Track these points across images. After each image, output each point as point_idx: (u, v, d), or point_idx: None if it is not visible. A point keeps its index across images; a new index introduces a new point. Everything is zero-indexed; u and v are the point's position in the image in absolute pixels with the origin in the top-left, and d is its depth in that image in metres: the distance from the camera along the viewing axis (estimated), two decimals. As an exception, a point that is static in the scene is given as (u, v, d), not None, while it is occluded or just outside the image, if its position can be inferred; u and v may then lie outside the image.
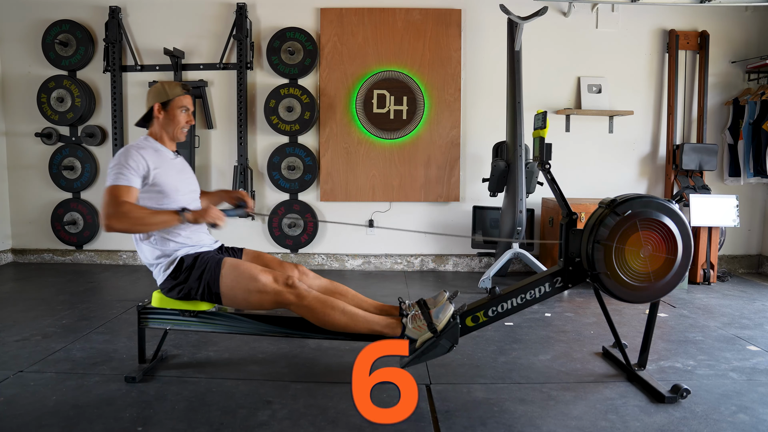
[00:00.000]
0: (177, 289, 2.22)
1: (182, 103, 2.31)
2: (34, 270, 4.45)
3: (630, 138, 4.59)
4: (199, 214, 2.17)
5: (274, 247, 4.60)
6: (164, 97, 2.28)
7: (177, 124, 2.32)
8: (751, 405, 2.08)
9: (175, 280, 2.21)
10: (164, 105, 2.29)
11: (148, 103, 2.31)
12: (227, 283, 2.16)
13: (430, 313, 2.13)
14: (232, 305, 2.22)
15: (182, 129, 2.34)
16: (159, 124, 2.32)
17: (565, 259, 2.28)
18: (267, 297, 2.14)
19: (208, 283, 2.17)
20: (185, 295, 2.22)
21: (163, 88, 2.30)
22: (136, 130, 4.54)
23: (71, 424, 1.88)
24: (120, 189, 2.08)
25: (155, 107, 2.29)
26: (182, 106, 2.31)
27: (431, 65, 4.45)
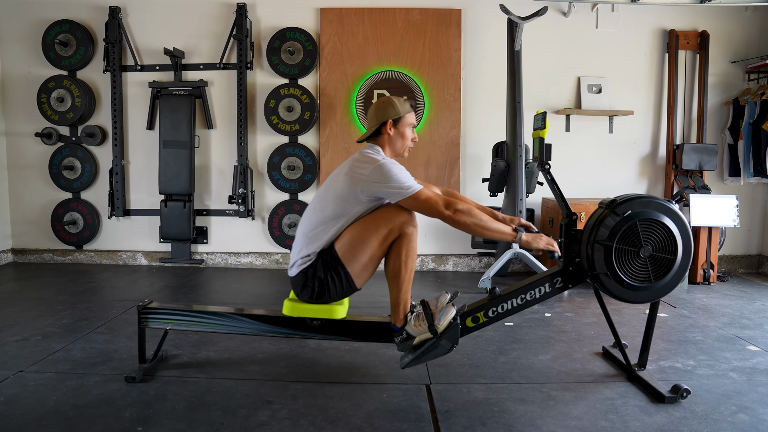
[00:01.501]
0: (309, 287, 2.17)
1: (411, 120, 2.29)
2: (34, 270, 4.45)
3: (630, 138, 4.59)
4: (535, 238, 2.15)
5: (274, 247, 4.61)
6: (396, 113, 2.23)
7: (406, 141, 2.28)
8: (751, 405, 2.08)
9: (306, 275, 2.17)
10: (395, 122, 2.24)
11: (378, 118, 2.24)
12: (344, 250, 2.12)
13: (433, 315, 2.14)
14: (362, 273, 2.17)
15: (408, 146, 2.31)
16: (387, 140, 2.26)
17: (565, 259, 2.28)
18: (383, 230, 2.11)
19: (335, 268, 2.14)
20: (318, 292, 2.17)
21: (393, 103, 2.24)
22: (135, 130, 4.55)
23: (71, 424, 1.88)
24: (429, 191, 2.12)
25: (387, 123, 2.23)
26: (411, 124, 2.29)
27: (431, 65, 4.45)
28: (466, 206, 2.10)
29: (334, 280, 2.15)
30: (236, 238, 4.63)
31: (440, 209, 2.08)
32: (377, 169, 2.10)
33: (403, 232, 2.13)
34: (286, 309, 2.24)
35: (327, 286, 2.16)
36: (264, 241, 4.62)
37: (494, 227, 2.11)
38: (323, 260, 2.16)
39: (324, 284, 2.16)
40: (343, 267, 2.14)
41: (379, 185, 2.09)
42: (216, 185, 4.60)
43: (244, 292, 3.86)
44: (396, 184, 2.09)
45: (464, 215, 2.08)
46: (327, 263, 2.15)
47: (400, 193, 2.09)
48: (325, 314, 2.21)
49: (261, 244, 4.62)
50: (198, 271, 4.46)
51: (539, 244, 2.15)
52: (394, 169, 2.11)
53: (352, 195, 2.13)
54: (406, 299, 2.18)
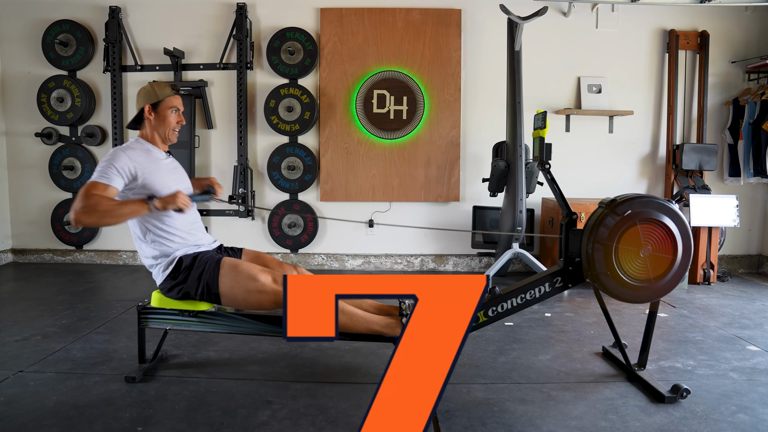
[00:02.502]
0: (176, 289, 2.22)
1: (172, 103, 2.30)
2: (34, 270, 4.45)
3: (630, 138, 4.59)
4: (166, 200, 2.14)
5: (274, 247, 4.61)
6: (154, 98, 2.27)
7: (168, 125, 2.31)
8: (751, 405, 2.08)
9: (174, 280, 2.21)
10: (154, 106, 2.28)
11: (138, 104, 2.30)
12: (226, 282, 2.16)
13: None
14: (232, 305, 2.22)
15: (173, 130, 2.33)
16: (150, 126, 2.31)
17: (565, 259, 2.28)
18: (266, 297, 2.13)
19: (207, 283, 2.17)
20: (185, 295, 2.22)
21: (152, 89, 2.28)
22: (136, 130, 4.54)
23: (71, 424, 1.88)
24: (97, 185, 2.06)
25: (145, 109, 2.28)
26: (172, 107, 2.30)
27: (431, 65, 4.45)
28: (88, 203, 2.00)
29: (202, 294, 2.19)
30: (236, 238, 4.63)
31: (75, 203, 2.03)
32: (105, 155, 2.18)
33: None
34: (154, 301, 2.29)
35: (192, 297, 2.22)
36: (264, 241, 4.62)
37: (123, 211, 2.07)
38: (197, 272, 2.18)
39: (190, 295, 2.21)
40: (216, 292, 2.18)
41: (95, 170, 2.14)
42: (216, 185, 4.59)
43: (244, 292, 3.85)
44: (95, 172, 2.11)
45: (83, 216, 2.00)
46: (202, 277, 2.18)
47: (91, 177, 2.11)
48: (192, 307, 2.26)
49: (261, 244, 4.62)
50: (198, 271, 4.46)
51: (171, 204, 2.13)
52: (108, 157, 2.14)
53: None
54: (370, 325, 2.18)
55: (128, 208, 2.09)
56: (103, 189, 2.07)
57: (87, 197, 2.02)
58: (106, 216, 2.04)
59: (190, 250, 2.26)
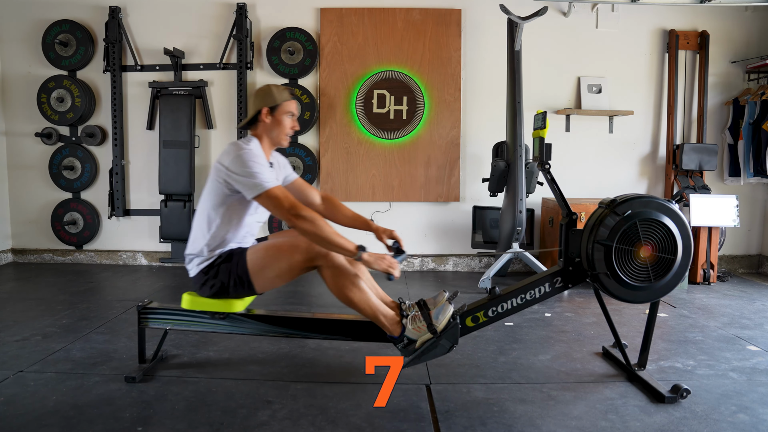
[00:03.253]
0: (209, 284, 2.18)
1: (289, 108, 2.27)
2: (34, 270, 4.45)
3: (630, 138, 4.59)
4: (375, 258, 2.10)
5: (274, 247, 4.60)
6: (272, 101, 2.23)
7: (283, 129, 2.27)
8: (751, 405, 2.08)
9: (206, 274, 2.18)
10: (272, 109, 2.24)
11: (254, 105, 2.24)
12: (255, 263, 2.13)
13: (430, 314, 2.13)
14: (267, 286, 2.18)
15: (287, 134, 2.30)
16: (264, 128, 2.26)
17: (565, 259, 2.28)
18: (298, 257, 2.09)
19: (238, 274, 2.14)
20: (218, 291, 2.18)
21: (271, 91, 2.24)
22: (136, 130, 4.55)
23: (71, 424, 1.88)
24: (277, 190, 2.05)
25: (263, 111, 2.23)
26: (289, 112, 2.27)
27: (431, 65, 4.45)
28: (311, 214, 2.02)
29: (236, 286, 2.17)
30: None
31: (284, 211, 2.03)
32: (236, 159, 2.09)
33: (325, 264, 2.11)
34: (185, 302, 2.26)
35: (227, 290, 2.19)
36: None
37: (335, 241, 2.04)
38: (228, 265, 2.16)
39: (225, 287, 2.18)
40: (248, 278, 2.15)
41: (236, 177, 2.08)
42: (216, 185, 4.59)
43: (244, 292, 3.85)
44: (250, 178, 2.06)
45: (305, 223, 2.01)
46: (232, 270, 2.15)
47: (253, 188, 2.06)
48: (225, 308, 2.23)
49: (261, 244, 4.62)
50: (198, 271, 4.46)
51: (379, 265, 2.10)
52: (251, 162, 2.08)
53: (219, 186, 2.14)
54: (381, 312, 2.16)
55: (341, 241, 2.06)
56: (283, 192, 2.07)
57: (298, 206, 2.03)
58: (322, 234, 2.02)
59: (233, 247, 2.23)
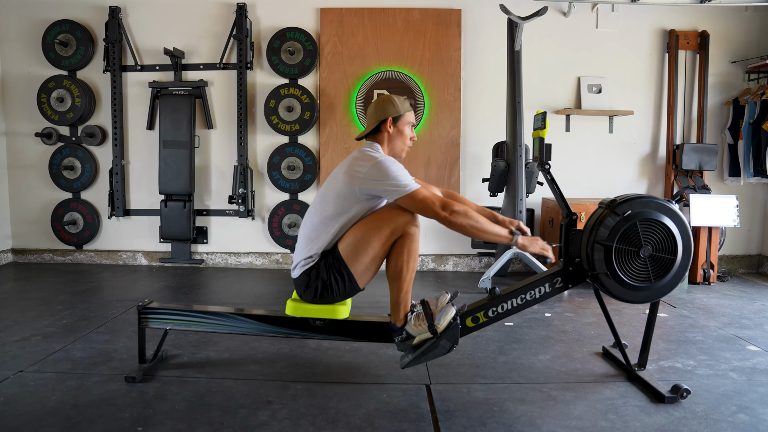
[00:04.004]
0: (312, 286, 2.17)
1: (411, 119, 2.28)
2: (34, 270, 4.45)
3: (630, 138, 4.59)
4: (530, 241, 2.13)
5: (274, 247, 4.61)
6: (395, 111, 2.23)
7: (404, 140, 2.27)
8: (751, 405, 2.08)
9: (308, 275, 2.17)
10: (395, 120, 2.24)
11: (378, 115, 2.23)
12: (348, 251, 2.11)
13: (433, 315, 2.14)
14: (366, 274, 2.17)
15: (408, 145, 2.30)
16: (387, 139, 2.26)
17: (565, 259, 2.28)
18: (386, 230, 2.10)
19: (336, 268, 2.13)
20: (322, 292, 2.17)
21: (393, 102, 2.24)
22: (135, 130, 4.55)
23: (71, 424, 1.88)
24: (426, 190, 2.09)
25: (388, 121, 2.23)
26: (410, 123, 2.28)
27: (431, 65, 4.45)
28: (463, 207, 2.08)
29: (337, 281, 2.15)
30: (236, 238, 4.63)
31: (436, 209, 2.07)
32: (375, 167, 2.10)
33: (406, 231, 2.13)
34: (289, 309, 2.24)
35: (330, 287, 2.16)
36: (264, 241, 4.62)
37: (491, 229, 2.10)
38: (326, 261, 2.15)
39: (327, 285, 2.16)
40: (346, 268, 2.14)
41: (376, 183, 2.09)
42: (216, 185, 4.60)
43: (244, 292, 3.86)
44: (393, 182, 2.08)
45: (460, 216, 2.07)
46: (330, 264, 2.15)
47: (397, 191, 2.08)
48: (328, 314, 2.21)
49: (261, 244, 4.62)
50: (198, 271, 4.46)
51: (534, 248, 2.14)
52: (392, 167, 2.10)
53: (351, 193, 2.13)
54: (406, 299, 2.18)
55: (495, 229, 2.10)
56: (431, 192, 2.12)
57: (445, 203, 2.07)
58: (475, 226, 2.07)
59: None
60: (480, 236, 2.10)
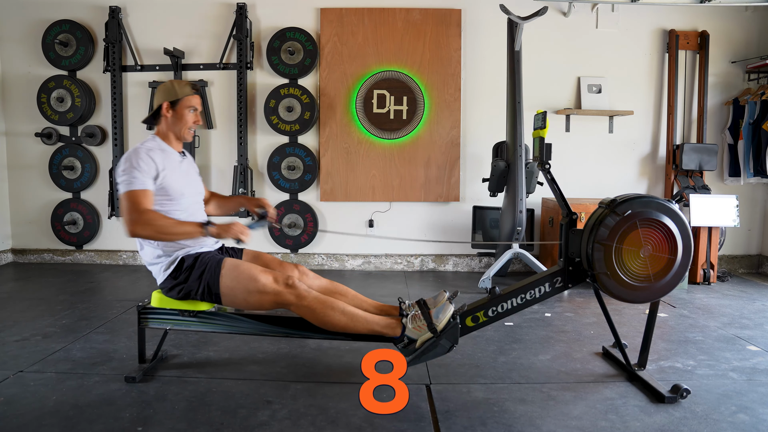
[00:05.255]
0: (177, 288, 2.21)
1: (191, 102, 2.30)
2: (34, 270, 4.45)
3: (630, 138, 4.59)
4: (223, 229, 2.16)
5: (274, 247, 4.60)
6: (173, 96, 2.27)
7: (184, 123, 2.30)
8: (751, 405, 2.08)
9: (175, 279, 2.21)
10: (173, 104, 2.28)
11: (156, 101, 2.31)
12: (227, 283, 2.16)
13: (430, 313, 2.13)
14: (232, 305, 2.22)
15: (189, 129, 2.33)
16: (166, 123, 2.30)
17: (565, 259, 2.28)
18: (267, 297, 2.13)
19: (208, 283, 2.17)
20: (185, 295, 2.22)
21: (172, 86, 2.29)
22: (135, 130, 4.55)
23: (71, 424, 1.88)
24: (137, 194, 2.08)
25: (164, 106, 2.28)
26: (190, 106, 2.30)
27: (431, 65, 4.45)
28: (146, 217, 2.06)
29: (203, 294, 2.19)
30: (236, 238, 4.62)
31: (126, 217, 2.07)
32: (125, 156, 2.17)
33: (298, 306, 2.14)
34: (155, 301, 2.28)
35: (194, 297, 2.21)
36: (264, 241, 4.62)
37: (178, 230, 2.11)
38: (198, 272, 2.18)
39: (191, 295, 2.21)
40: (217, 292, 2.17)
41: (118, 173, 2.14)
42: (216, 185, 4.59)
43: (244, 292, 3.85)
44: (120, 175, 2.12)
45: (141, 228, 2.06)
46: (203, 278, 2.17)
47: (120, 186, 2.11)
48: (193, 307, 2.26)
49: (261, 244, 4.62)
50: (198, 271, 4.45)
51: (228, 234, 2.16)
52: (130, 161, 2.13)
53: None
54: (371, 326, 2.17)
55: (184, 229, 2.13)
56: (144, 197, 2.10)
57: (139, 211, 2.06)
58: (161, 233, 2.09)
59: (192, 251, 2.26)
60: (171, 239, 2.13)
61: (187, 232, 2.13)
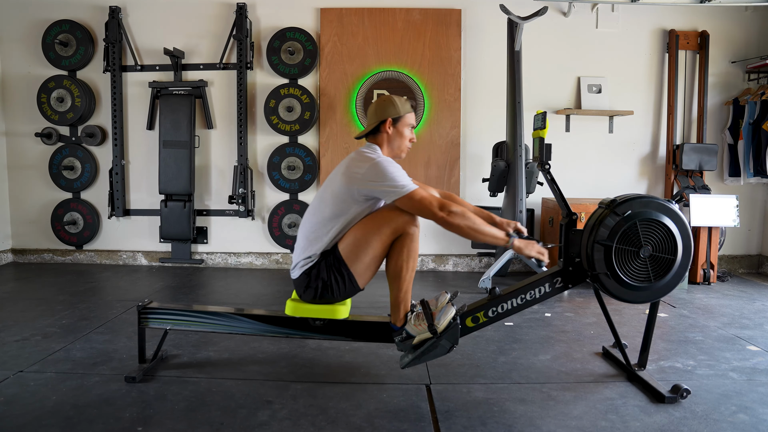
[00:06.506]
0: (312, 286, 2.17)
1: (410, 121, 2.28)
2: (34, 270, 4.45)
3: (630, 138, 4.59)
4: (526, 245, 2.12)
5: (274, 247, 4.61)
6: (396, 112, 2.23)
7: (404, 141, 2.27)
8: (751, 405, 2.08)
9: (308, 276, 2.17)
10: (395, 121, 2.24)
11: (378, 115, 2.24)
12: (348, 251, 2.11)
13: (433, 315, 2.13)
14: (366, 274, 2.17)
15: (407, 146, 2.30)
16: (386, 139, 2.26)
17: (565, 259, 2.28)
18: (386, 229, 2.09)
19: (336, 267, 2.13)
20: (322, 293, 2.16)
21: (394, 102, 2.24)
22: (136, 129, 4.55)
23: (71, 424, 1.88)
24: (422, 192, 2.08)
25: (387, 122, 2.23)
26: (410, 124, 2.28)
27: (431, 65, 4.45)
28: (461, 209, 2.07)
29: (337, 281, 2.15)
30: (236, 238, 4.63)
31: (434, 210, 2.06)
32: (372, 168, 2.10)
33: (405, 231, 2.13)
34: (288, 309, 2.24)
35: (330, 287, 2.16)
36: (264, 241, 4.62)
37: (487, 231, 2.09)
38: (326, 261, 2.16)
39: (327, 285, 2.16)
40: (346, 267, 2.14)
41: (374, 184, 2.09)
42: (216, 185, 4.60)
43: (244, 292, 3.86)
44: (391, 183, 2.08)
45: (457, 217, 2.06)
46: (330, 264, 2.15)
47: (395, 192, 2.07)
48: (328, 314, 2.21)
49: (261, 244, 4.62)
50: (198, 271, 4.46)
51: (530, 251, 2.14)
52: (390, 168, 2.10)
53: (349, 194, 2.13)
54: (406, 299, 2.18)
55: (492, 231, 2.10)
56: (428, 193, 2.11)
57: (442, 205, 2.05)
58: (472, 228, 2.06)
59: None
60: (477, 237, 2.10)
61: (495, 236, 2.09)
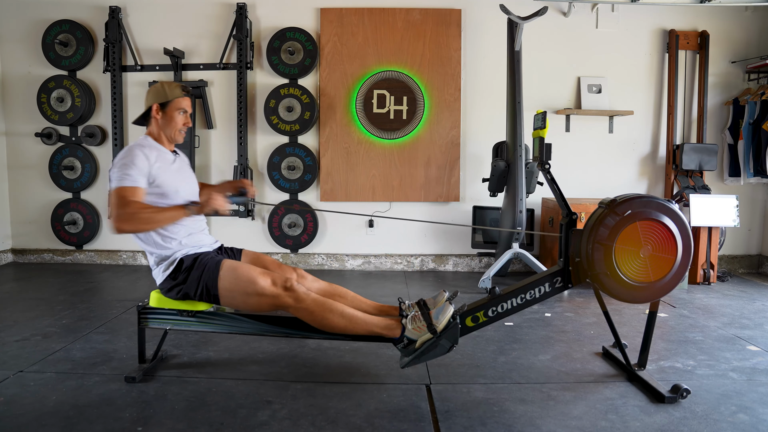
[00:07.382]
0: (176, 289, 2.22)
1: (180, 105, 2.31)
2: (34, 270, 4.45)
3: (630, 138, 4.59)
4: (203, 204, 2.18)
5: (274, 247, 4.60)
6: (163, 97, 2.28)
7: (174, 125, 2.31)
8: (751, 405, 2.08)
9: (174, 280, 2.21)
10: (162, 106, 2.29)
11: (146, 102, 2.31)
12: (225, 285, 2.16)
13: (430, 314, 2.13)
14: (231, 306, 2.23)
15: (179, 131, 2.34)
16: (156, 125, 2.32)
17: (565, 259, 2.28)
18: (265, 300, 2.13)
19: (207, 284, 2.17)
20: (184, 296, 2.22)
21: (162, 88, 2.29)
22: (136, 130, 4.55)
23: (71, 424, 1.89)
24: (126, 190, 2.08)
25: (153, 107, 2.29)
26: (180, 108, 2.31)
27: (431, 65, 4.45)
28: (131, 209, 2.04)
29: (201, 295, 2.19)
30: (236, 238, 4.63)
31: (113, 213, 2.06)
32: (119, 154, 2.17)
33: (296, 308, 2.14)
34: (152, 301, 2.29)
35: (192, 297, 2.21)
36: (264, 241, 4.62)
37: (162, 217, 2.11)
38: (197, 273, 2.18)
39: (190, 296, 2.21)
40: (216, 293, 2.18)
41: (112, 171, 2.14)
42: (216, 185, 4.59)
43: (244, 292, 3.85)
44: (115, 172, 2.11)
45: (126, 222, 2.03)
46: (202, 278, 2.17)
47: (112, 183, 2.11)
48: (192, 307, 2.26)
49: (261, 244, 4.62)
50: (198, 271, 4.45)
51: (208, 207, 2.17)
52: (127, 158, 2.13)
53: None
54: (369, 327, 2.17)
55: (167, 215, 2.12)
56: (132, 193, 2.08)
57: (124, 205, 2.04)
58: (146, 223, 2.08)
59: (191, 251, 2.26)
60: (156, 226, 2.13)
61: (171, 216, 2.13)
